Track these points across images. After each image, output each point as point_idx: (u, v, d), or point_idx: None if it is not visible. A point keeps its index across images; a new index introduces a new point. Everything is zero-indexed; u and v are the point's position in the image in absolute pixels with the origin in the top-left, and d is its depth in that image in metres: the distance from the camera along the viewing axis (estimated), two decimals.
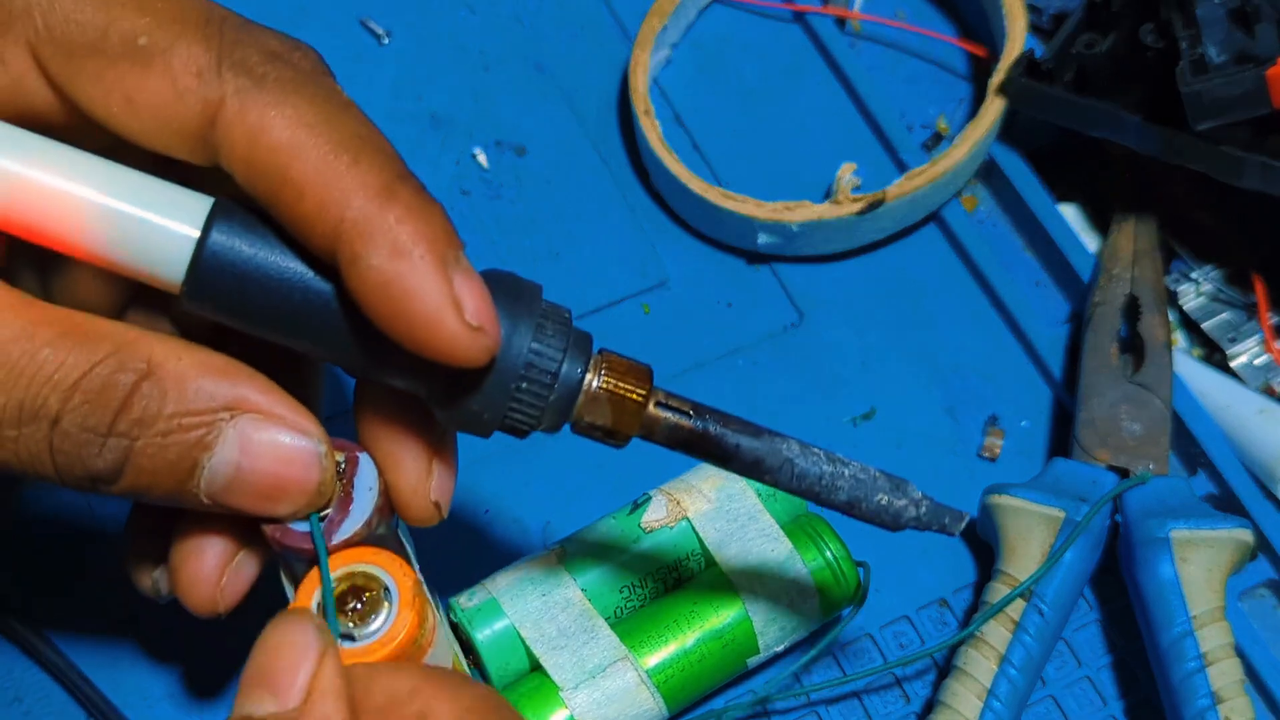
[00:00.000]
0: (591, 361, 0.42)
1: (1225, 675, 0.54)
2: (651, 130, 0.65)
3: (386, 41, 0.70)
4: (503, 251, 0.65)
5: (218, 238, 0.39)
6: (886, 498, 0.46)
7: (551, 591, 0.54)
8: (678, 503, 0.56)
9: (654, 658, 0.53)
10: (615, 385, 0.42)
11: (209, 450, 0.40)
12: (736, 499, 0.56)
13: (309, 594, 0.41)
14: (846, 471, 0.45)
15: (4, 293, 0.39)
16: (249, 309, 0.39)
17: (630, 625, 0.54)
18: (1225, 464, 0.60)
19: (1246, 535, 0.56)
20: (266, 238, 0.39)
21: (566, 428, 0.43)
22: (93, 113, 0.39)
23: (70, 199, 0.38)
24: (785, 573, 0.55)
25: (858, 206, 0.63)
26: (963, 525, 0.46)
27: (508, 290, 0.41)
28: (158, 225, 0.39)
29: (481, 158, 0.68)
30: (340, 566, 0.41)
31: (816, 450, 0.45)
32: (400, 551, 0.44)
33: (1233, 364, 0.63)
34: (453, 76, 0.69)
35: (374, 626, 0.41)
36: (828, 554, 0.55)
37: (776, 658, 0.56)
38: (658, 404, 0.43)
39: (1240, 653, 0.55)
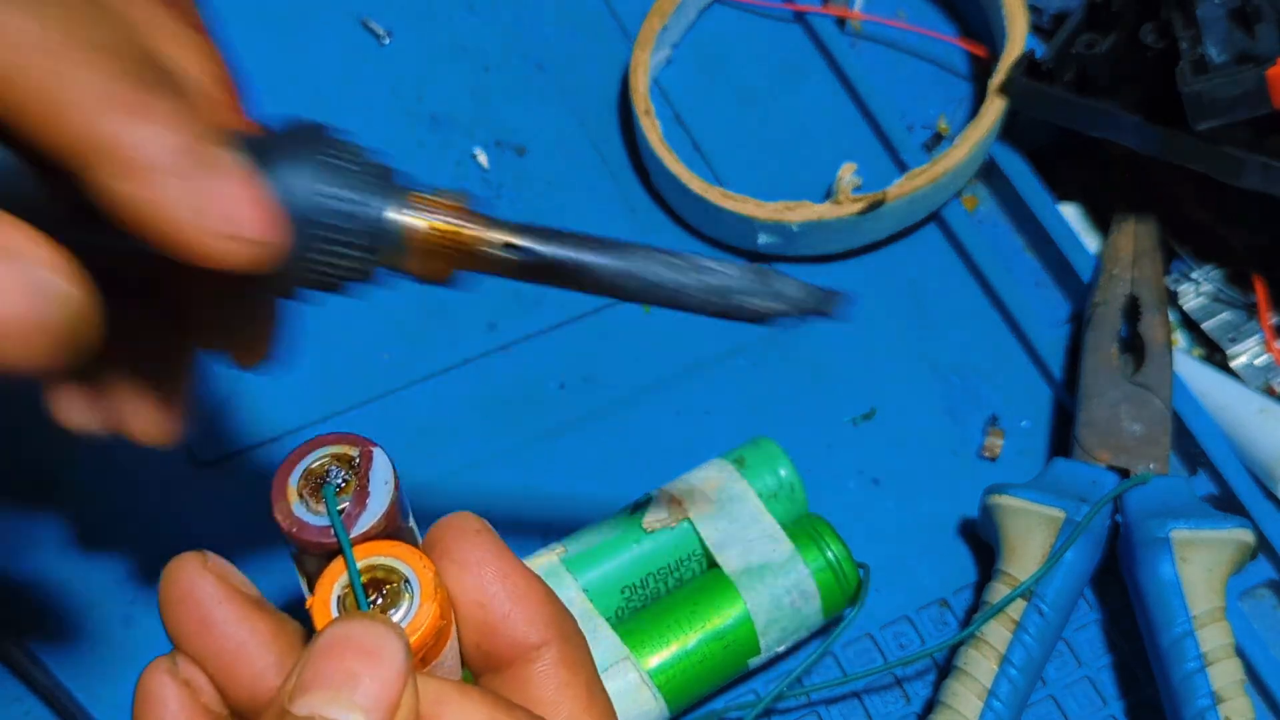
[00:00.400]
0: (399, 196, 0.38)
1: (1225, 675, 0.54)
2: (652, 130, 0.65)
3: (387, 41, 0.70)
4: None
5: None
6: (745, 300, 0.40)
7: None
8: (679, 503, 0.56)
9: (655, 658, 0.53)
10: (436, 221, 0.38)
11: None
12: (738, 500, 0.56)
13: (328, 587, 0.41)
14: (697, 280, 0.40)
15: None
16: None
17: (631, 626, 0.54)
18: (1225, 464, 0.60)
19: (1247, 535, 0.56)
20: None
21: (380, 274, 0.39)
22: None
23: None
24: (787, 574, 0.55)
25: (858, 207, 0.63)
26: (835, 303, 0.41)
27: (289, 135, 0.37)
28: None
29: (482, 158, 0.68)
30: (358, 560, 0.41)
31: (659, 258, 0.40)
32: (415, 545, 0.43)
33: (1233, 364, 0.63)
34: (453, 76, 0.69)
35: (396, 619, 0.41)
36: (829, 555, 0.55)
37: (777, 658, 0.56)
38: (485, 238, 0.39)
39: (1240, 653, 0.55)
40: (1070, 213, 0.66)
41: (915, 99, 0.69)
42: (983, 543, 0.60)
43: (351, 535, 0.41)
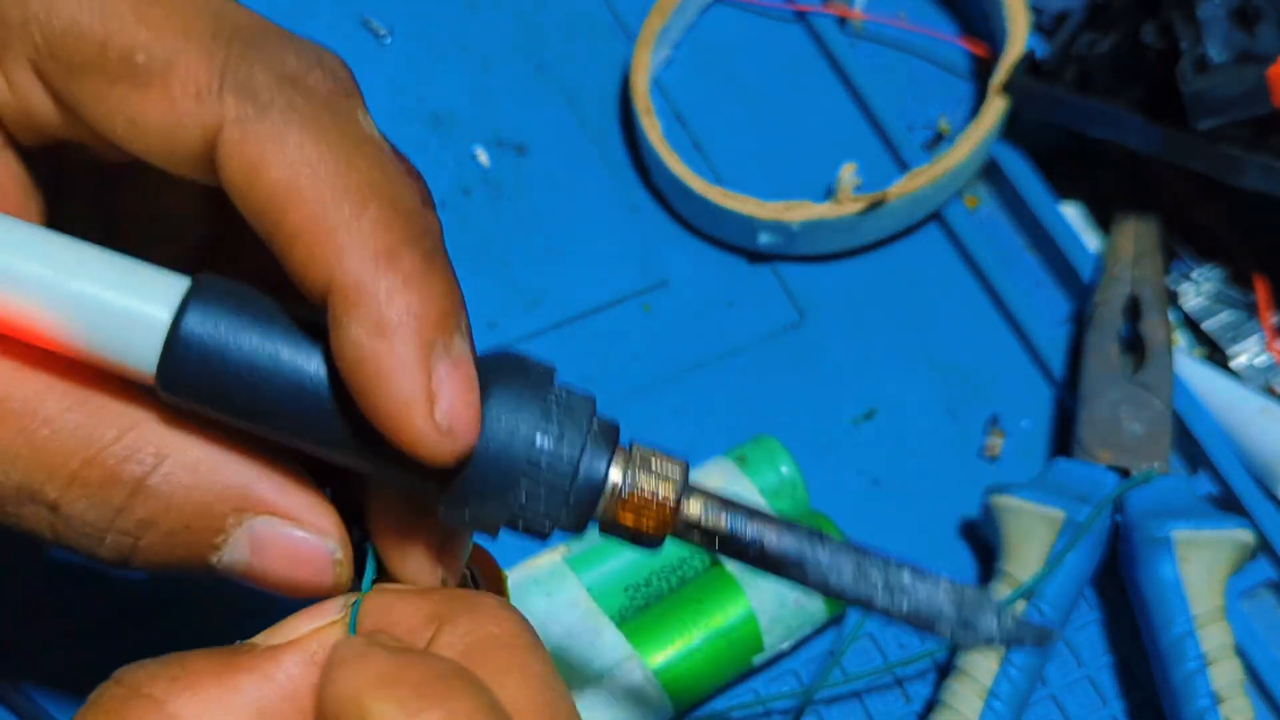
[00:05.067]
0: (616, 456, 0.37)
1: (1226, 675, 0.54)
2: (652, 129, 0.65)
3: (387, 40, 0.70)
4: (503, 251, 0.65)
5: (193, 322, 0.35)
6: (951, 629, 0.39)
7: (556, 592, 0.54)
8: None
9: (660, 657, 0.53)
10: (643, 487, 0.37)
11: (218, 550, 0.37)
12: (740, 498, 0.55)
13: None
14: (906, 602, 0.39)
15: (17, 348, 0.36)
16: (230, 401, 0.35)
17: (635, 625, 0.54)
18: (1226, 464, 0.60)
19: (1247, 535, 0.56)
20: (252, 318, 0.35)
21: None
22: (100, 131, 0.36)
23: (25, 283, 0.35)
24: None
25: (859, 206, 0.63)
26: (1050, 642, 0.41)
27: (513, 375, 0.37)
28: (124, 310, 0.35)
29: (482, 157, 0.67)
30: None
31: (875, 569, 0.39)
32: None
33: (1233, 364, 0.63)
34: (453, 75, 0.69)
35: None
36: None
37: (781, 656, 0.56)
38: (691, 512, 0.38)
39: (1241, 653, 0.55)
40: (1071, 212, 0.66)
41: (916, 98, 0.69)
42: (983, 542, 0.60)
43: None
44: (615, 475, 0.37)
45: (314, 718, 0.35)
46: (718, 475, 0.56)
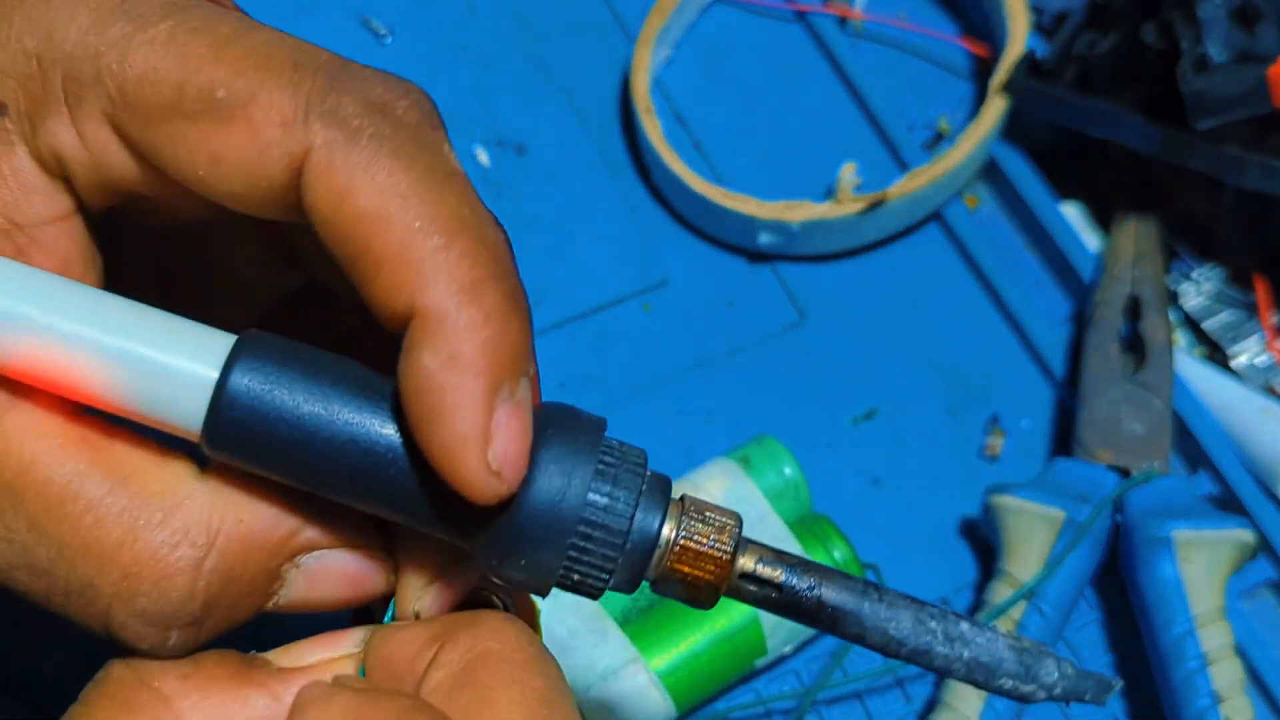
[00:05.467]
0: (669, 511, 0.37)
1: (1226, 675, 0.54)
2: (653, 129, 0.65)
3: (387, 40, 0.70)
4: None
5: (238, 381, 0.35)
6: (1012, 682, 0.38)
7: (560, 593, 0.54)
8: None
9: (663, 660, 0.53)
10: (698, 541, 0.36)
11: (275, 597, 0.37)
12: (745, 500, 0.56)
13: None
14: (966, 652, 0.37)
15: (52, 423, 0.35)
16: (278, 459, 0.35)
17: (639, 627, 0.54)
18: (1226, 464, 0.60)
19: (1247, 535, 0.56)
20: (299, 375, 0.35)
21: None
22: (180, 176, 0.35)
23: (72, 341, 0.34)
24: None
25: (859, 206, 0.63)
26: (1111, 694, 0.39)
27: (566, 427, 0.36)
28: (171, 369, 0.35)
29: (482, 156, 0.67)
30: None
31: (933, 619, 0.38)
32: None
33: (1234, 364, 0.63)
34: (454, 75, 0.69)
35: None
36: (835, 556, 0.55)
37: (783, 659, 0.56)
38: (747, 565, 0.37)
39: (1241, 653, 0.55)
40: (1071, 212, 0.66)
41: (916, 98, 0.69)
42: (984, 542, 0.60)
43: None
44: (669, 530, 0.36)
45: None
46: (720, 476, 0.56)
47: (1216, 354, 0.64)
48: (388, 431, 0.35)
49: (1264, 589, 0.59)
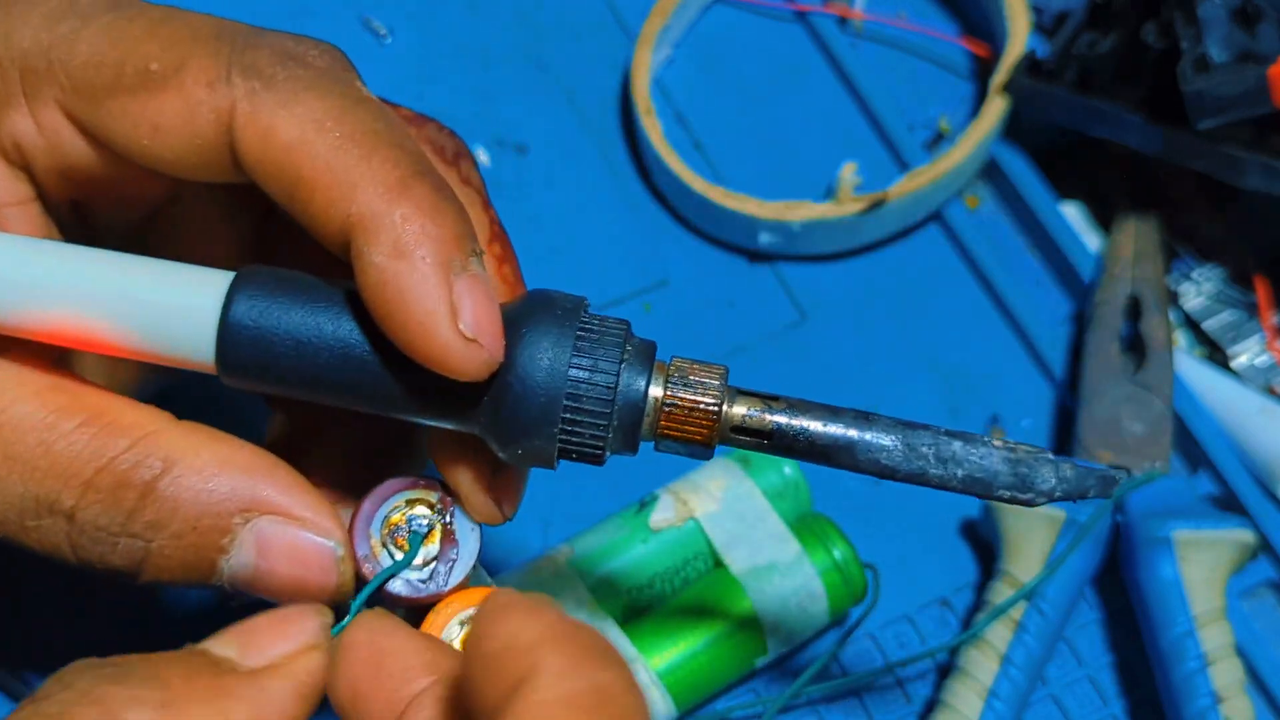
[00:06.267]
0: (654, 372, 0.39)
1: (1226, 675, 0.54)
2: (653, 129, 0.65)
3: (388, 40, 0.70)
4: None
5: (240, 310, 0.38)
6: (1010, 492, 0.39)
7: (560, 594, 0.54)
8: (685, 503, 0.56)
9: (663, 659, 0.53)
10: (684, 398, 0.38)
11: (225, 553, 0.39)
12: (744, 499, 0.56)
13: (440, 629, 0.40)
14: (960, 471, 0.39)
15: (30, 375, 0.39)
16: (286, 375, 0.38)
17: (639, 627, 0.54)
18: (1226, 464, 0.60)
19: (1248, 535, 0.56)
20: (294, 297, 0.38)
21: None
22: (128, 151, 0.39)
23: (87, 299, 0.38)
24: (793, 574, 0.55)
25: (859, 206, 0.63)
26: (1116, 487, 0.40)
27: (543, 309, 0.38)
28: (178, 308, 0.38)
29: (482, 156, 0.67)
30: (456, 611, 0.40)
31: (925, 444, 0.39)
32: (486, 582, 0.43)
33: (1234, 364, 0.63)
34: (454, 75, 0.69)
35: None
36: (836, 556, 0.55)
37: (783, 658, 0.56)
38: (736, 414, 0.39)
39: (1241, 653, 0.55)
40: (1071, 212, 0.66)
41: (916, 98, 0.69)
42: (984, 542, 0.60)
43: (448, 589, 0.41)
44: (656, 391, 0.38)
45: (462, 657, 0.35)
46: (721, 475, 0.56)
47: (1217, 354, 0.64)
48: (375, 337, 0.38)
49: (1264, 589, 0.59)
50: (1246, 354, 0.63)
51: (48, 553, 0.39)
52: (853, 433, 0.39)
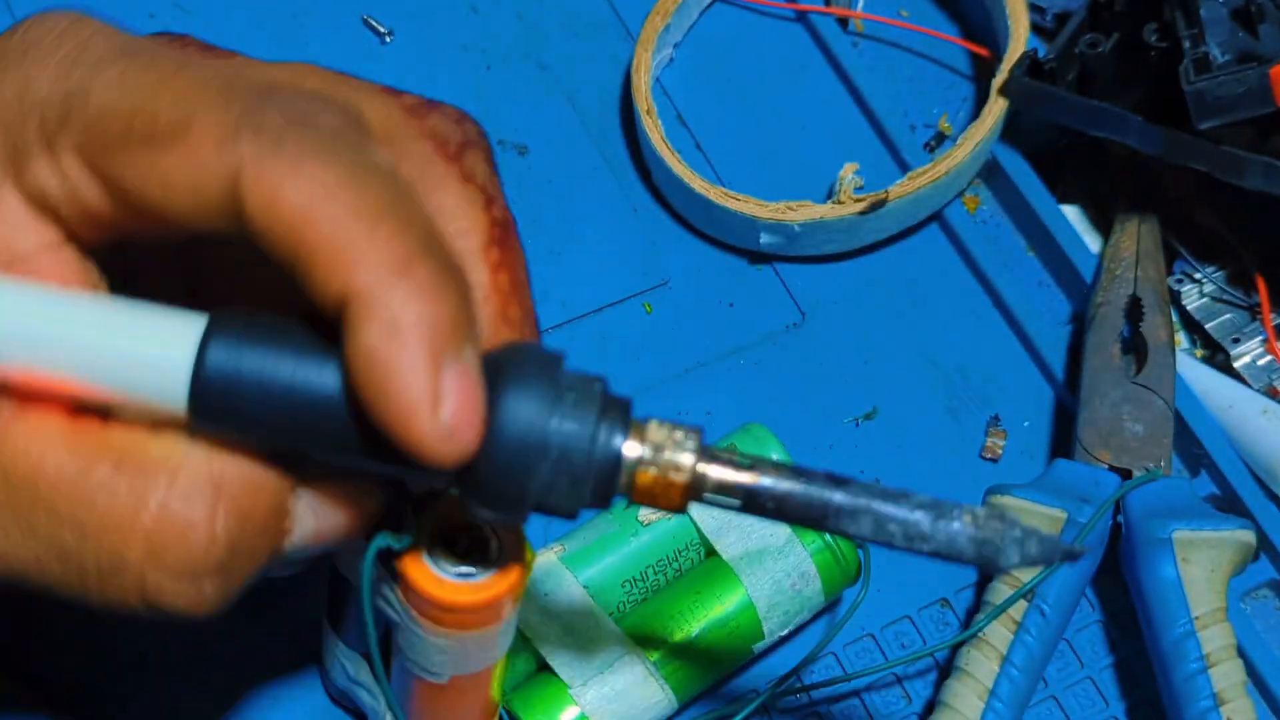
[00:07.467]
0: (630, 431, 0.39)
1: (1227, 676, 0.54)
2: (653, 129, 0.65)
3: (389, 40, 0.70)
4: None
5: (215, 357, 0.37)
6: (975, 564, 0.41)
7: (553, 590, 0.54)
8: None
9: (661, 651, 0.53)
10: (659, 459, 0.39)
11: (289, 535, 0.39)
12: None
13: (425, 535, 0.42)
14: (925, 547, 0.40)
15: (56, 421, 0.38)
16: (261, 425, 0.38)
17: (634, 619, 0.54)
18: (1228, 465, 0.60)
19: (1249, 536, 0.56)
20: (270, 345, 0.38)
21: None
22: (141, 203, 0.38)
23: (51, 350, 0.37)
24: (785, 557, 0.55)
25: (860, 206, 0.63)
26: (1078, 557, 0.41)
27: (521, 366, 0.38)
28: (148, 358, 0.37)
29: None
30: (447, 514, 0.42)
31: (892, 521, 0.39)
32: None
33: (1235, 365, 0.63)
34: (455, 75, 0.69)
35: (491, 559, 0.41)
36: (826, 536, 0.55)
37: (782, 642, 0.56)
38: (710, 478, 0.39)
39: (1242, 654, 0.55)
40: (1072, 213, 0.66)
41: (917, 99, 0.69)
42: None
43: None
44: (631, 450, 0.39)
45: None
46: None
47: (1218, 355, 0.64)
48: (352, 394, 0.37)
49: (1265, 590, 0.59)
50: (1248, 355, 0.63)
51: (129, 613, 0.38)
52: (825, 510, 0.40)
